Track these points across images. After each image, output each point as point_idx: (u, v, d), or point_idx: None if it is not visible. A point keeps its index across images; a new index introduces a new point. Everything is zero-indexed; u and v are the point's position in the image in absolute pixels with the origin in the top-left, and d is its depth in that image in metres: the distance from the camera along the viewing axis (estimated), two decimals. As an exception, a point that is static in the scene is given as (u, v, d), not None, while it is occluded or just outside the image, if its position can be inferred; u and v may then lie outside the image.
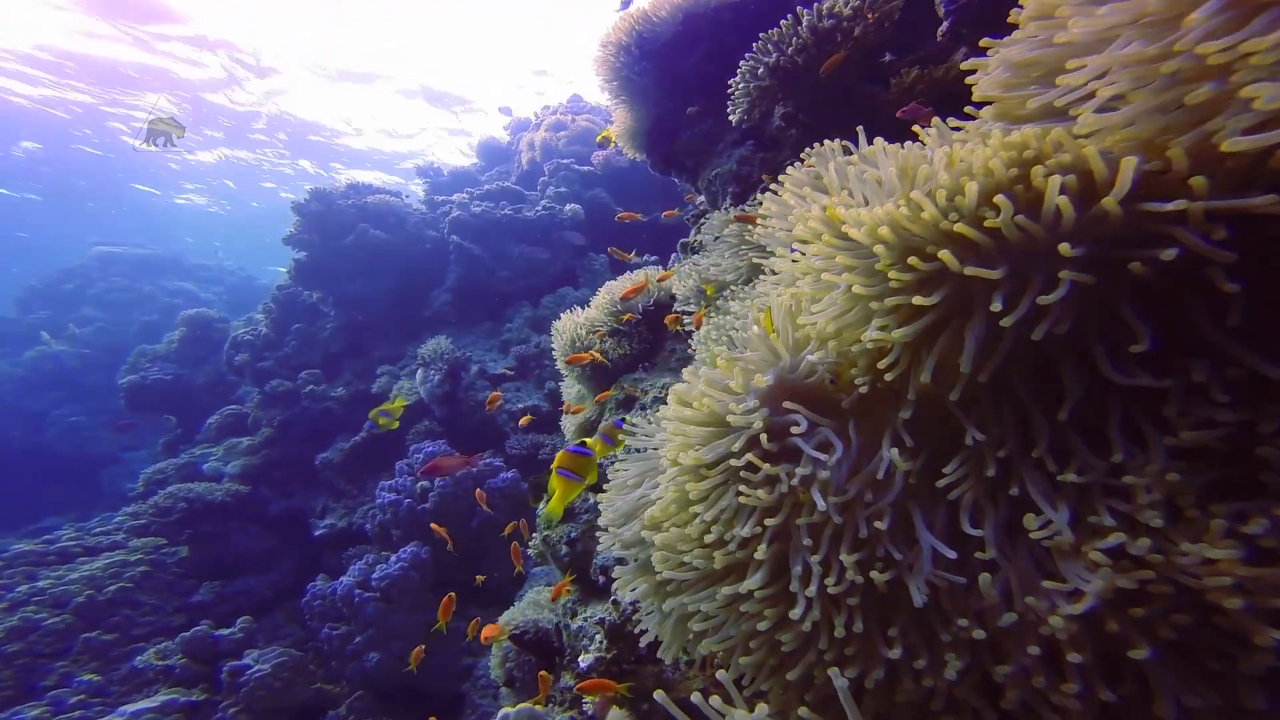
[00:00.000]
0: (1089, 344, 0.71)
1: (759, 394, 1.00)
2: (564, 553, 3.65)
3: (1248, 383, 0.68)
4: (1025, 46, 0.90)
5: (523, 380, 8.99)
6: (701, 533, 0.94)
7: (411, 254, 9.96)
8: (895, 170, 0.85)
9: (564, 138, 11.03)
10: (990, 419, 0.81)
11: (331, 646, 6.83)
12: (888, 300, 0.80)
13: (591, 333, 3.99)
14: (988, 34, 2.24)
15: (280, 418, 9.38)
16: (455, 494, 7.50)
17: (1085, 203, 0.71)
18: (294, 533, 8.79)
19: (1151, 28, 0.66)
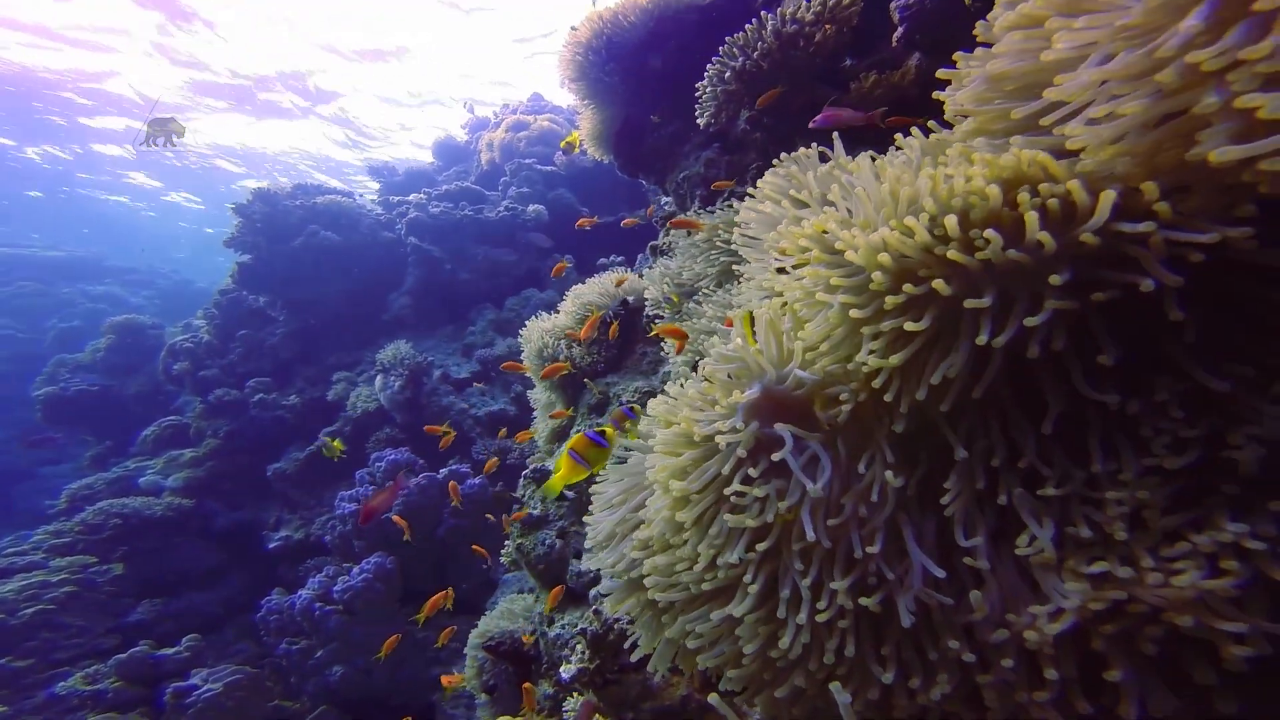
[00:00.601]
0: (1067, 360, 0.74)
1: (746, 409, 0.99)
2: (539, 559, 3.60)
3: (1207, 395, 0.72)
4: (1006, 60, 0.91)
5: (488, 384, 8.80)
6: (693, 557, 0.93)
7: (366, 256, 9.60)
8: (887, 190, 0.86)
9: (525, 138, 10.84)
10: (976, 431, 0.83)
11: (291, 662, 6.55)
12: (884, 324, 0.80)
13: (560, 340, 3.93)
14: (939, 39, 2.32)
15: (227, 428, 8.89)
16: (421, 503, 7.31)
17: (1065, 228, 0.73)
18: (245, 546, 8.37)
19: (1134, 41, 0.68)
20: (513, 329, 9.08)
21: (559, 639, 3.34)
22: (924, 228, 0.78)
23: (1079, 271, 0.71)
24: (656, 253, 3.84)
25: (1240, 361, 0.68)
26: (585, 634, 2.02)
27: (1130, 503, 0.68)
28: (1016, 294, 0.76)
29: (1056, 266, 0.72)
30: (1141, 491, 0.68)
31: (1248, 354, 0.70)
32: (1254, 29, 0.62)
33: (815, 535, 0.80)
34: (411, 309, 9.51)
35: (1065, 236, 0.72)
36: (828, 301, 0.87)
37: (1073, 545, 0.72)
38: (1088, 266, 0.71)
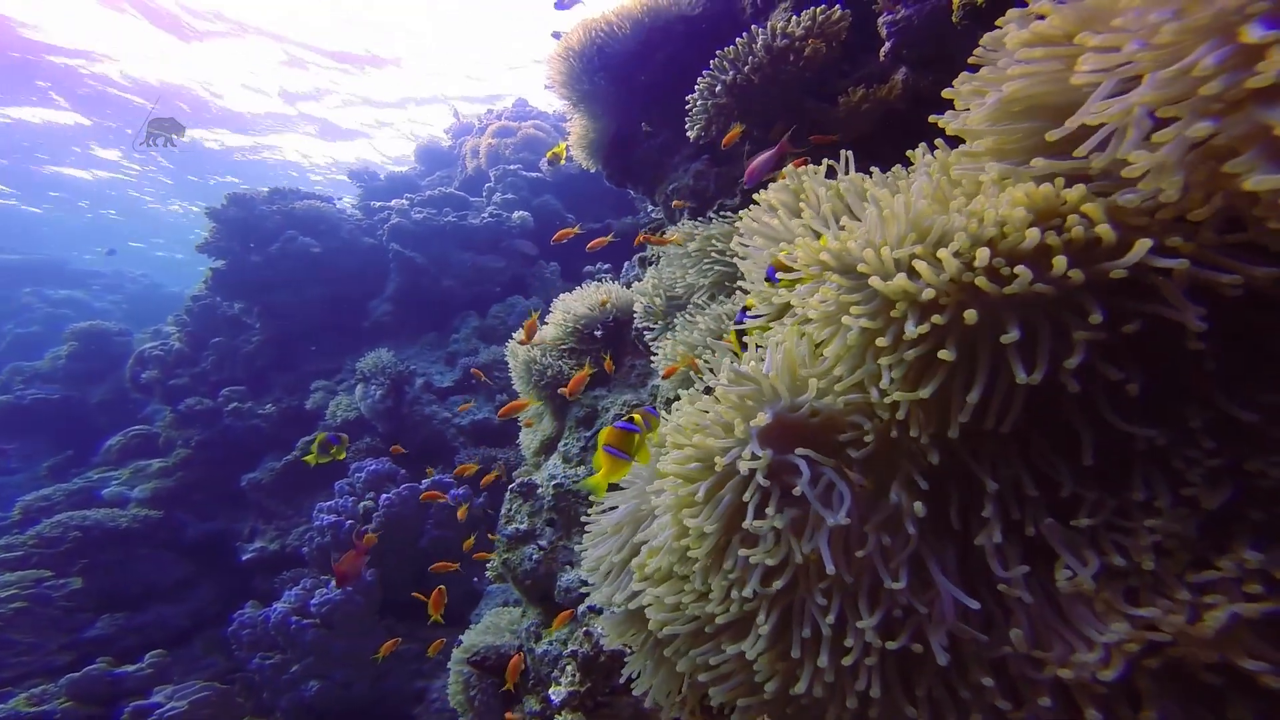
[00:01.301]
0: (1094, 392, 0.72)
1: (760, 435, 0.96)
2: (526, 574, 3.52)
3: (1233, 424, 0.71)
4: (1022, 81, 0.89)
5: (472, 393, 8.67)
6: (704, 589, 0.89)
7: (346, 262, 9.41)
8: (911, 215, 0.84)
9: (511, 144, 10.77)
10: (1000, 462, 0.81)
11: (264, 677, 6.31)
12: (907, 352, 0.78)
13: (547, 353, 3.87)
14: (927, 55, 2.34)
15: (199, 438, 8.61)
16: (403, 514, 7.15)
17: (1091, 261, 0.72)
18: (217, 558, 8.09)
19: (1167, 61, 0.66)
20: (497, 336, 8.96)
21: (546, 655, 3.27)
22: (956, 261, 0.76)
23: (1106, 304, 0.69)
24: (645, 264, 3.81)
25: (1267, 390, 0.68)
26: (576, 656, 1.96)
27: (1164, 532, 0.66)
28: (1038, 325, 0.75)
29: (1085, 300, 0.70)
30: (1175, 524, 0.66)
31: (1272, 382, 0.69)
32: None
33: (835, 568, 0.76)
34: (393, 316, 9.33)
35: (1091, 270, 0.70)
36: (847, 325, 0.85)
37: (1105, 576, 0.70)
38: (1113, 299, 0.70)
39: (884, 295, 0.80)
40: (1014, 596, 0.73)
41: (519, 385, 4.14)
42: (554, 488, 3.50)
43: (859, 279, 0.84)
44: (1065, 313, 0.72)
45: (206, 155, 16.82)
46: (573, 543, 3.41)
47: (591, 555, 1.34)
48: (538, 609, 3.48)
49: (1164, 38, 0.64)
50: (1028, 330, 0.73)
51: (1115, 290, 0.70)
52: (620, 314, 3.87)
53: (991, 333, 0.77)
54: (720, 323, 2.54)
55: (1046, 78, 0.83)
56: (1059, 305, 0.73)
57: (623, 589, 1.22)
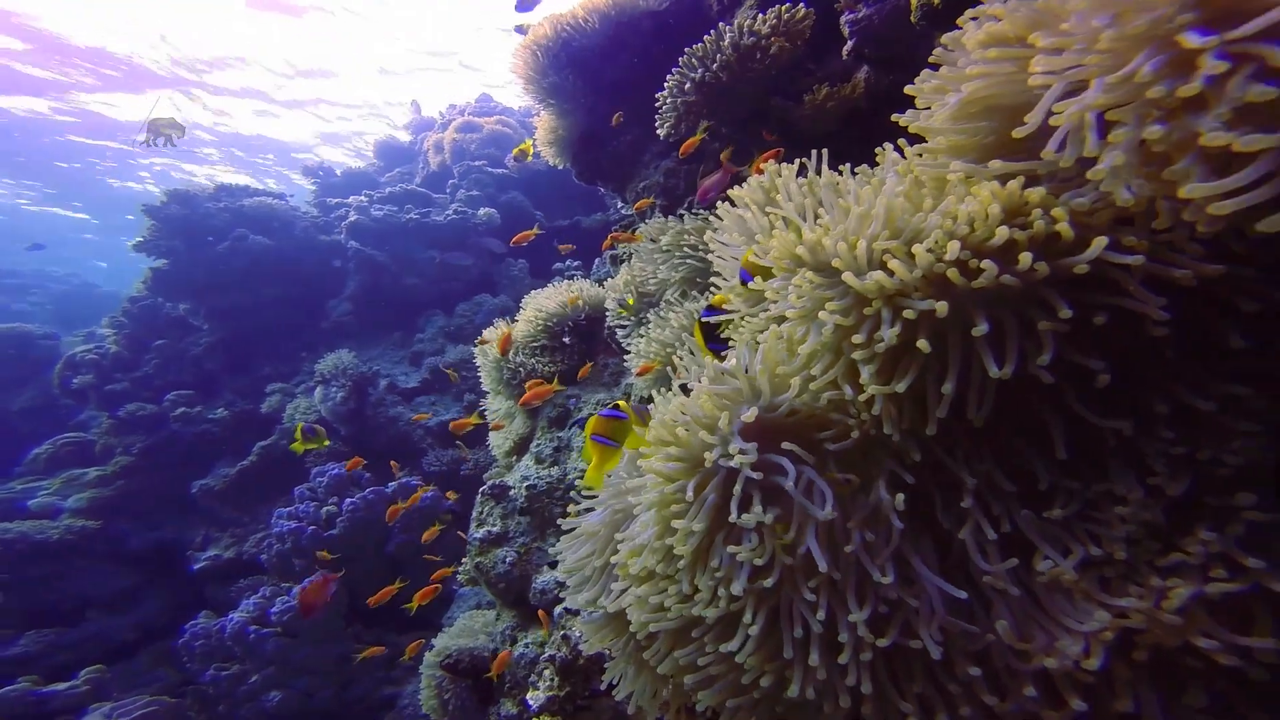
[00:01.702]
0: (1061, 385, 0.75)
1: (742, 432, 0.96)
2: (500, 577, 3.47)
3: (1189, 413, 0.74)
4: (979, 81, 0.91)
5: (439, 394, 8.47)
6: (690, 589, 0.88)
7: (302, 261, 9.05)
8: (884, 210, 0.85)
9: (476, 139, 10.53)
10: (973, 456, 0.83)
11: (219, 689, 6.02)
12: (879, 347, 0.79)
13: (519, 351, 3.81)
14: (886, 54, 2.40)
15: (142, 444, 8.15)
16: (368, 519, 6.94)
17: (1055, 257, 0.74)
18: (165, 568, 7.70)
19: (1109, 65, 0.69)
20: (465, 335, 8.77)
21: (523, 658, 3.23)
22: (929, 255, 0.78)
23: (1071, 299, 0.72)
24: (617, 262, 3.79)
25: (1219, 381, 0.71)
26: (554, 660, 1.94)
27: (1134, 520, 0.70)
28: (1006, 320, 0.77)
29: (1049, 295, 0.72)
30: (1143, 512, 0.69)
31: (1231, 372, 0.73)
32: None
33: (826, 565, 0.77)
34: (354, 316, 9.03)
35: (1054, 264, 0.73)
36: (822, 321, 0.85)
37: (1080, 566, 0.73)
38: (1076, 293, 0.73)
39: (857, 291, 0.81)
40: (1000, 589, 0.75)
41: (488, 384, 4.06)
42: (527, 489, 3.46)
43: (833, 274, 0.85)
44: (1031, 308, 0.75)
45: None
46: (547, 544, 3.37)
47: (570, 558, 1.32)
48: (513, 612, 3.44)
49: (1104, 44, 0.66)
50: (996, 325, 0.75)
51: (1078, 285, 0.73)
52: (592, 311, 3.84)
53: (962, 327, 0.79)
54: (693, 319, 2.55)
55: (1003, 79, 0.86)
56: (1025, 300, 0.76)
57: (602, 592, 1.21)
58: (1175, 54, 0.63)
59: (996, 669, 0.73)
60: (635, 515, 1.12)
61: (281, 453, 8.01)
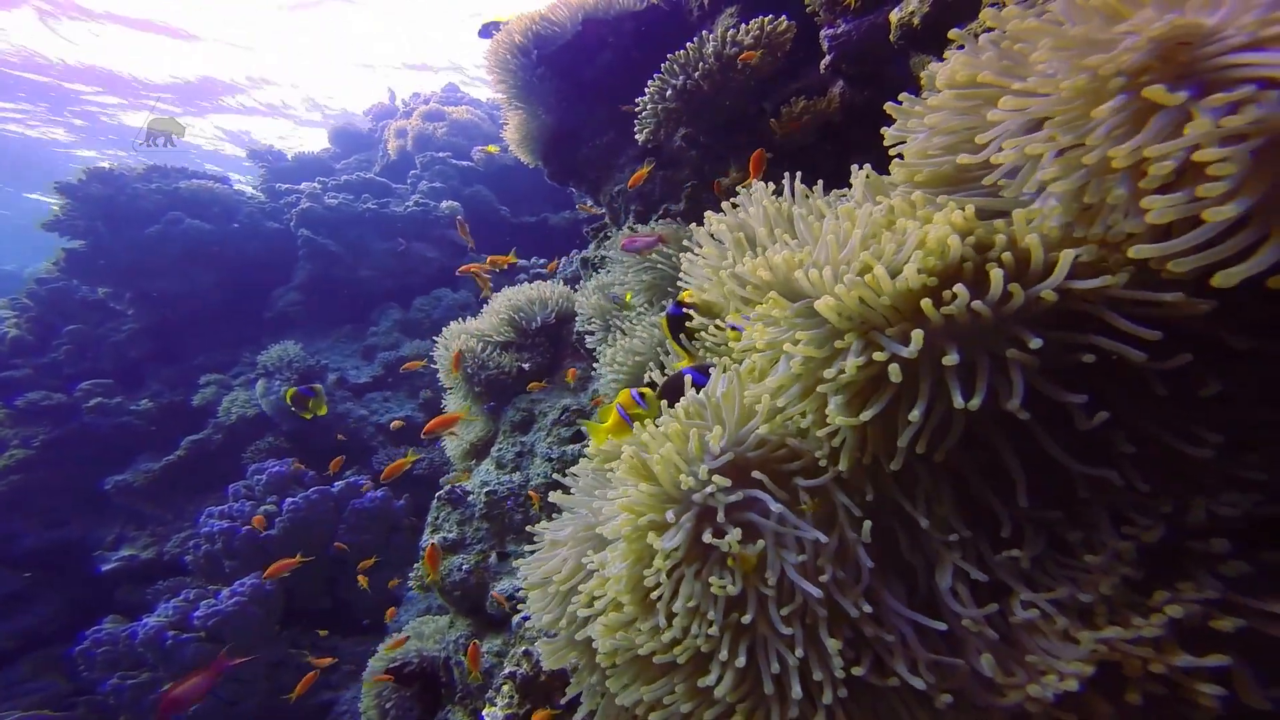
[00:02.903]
0: (1031, 425, 0.77)
1: (712, 462, 0.94)
2: (455, 585, 3.36)
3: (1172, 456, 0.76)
4: (944, 115, 0.93)
5: (393, 390, 8.17)
6: (661, 625, 0.86)
7: (245, 248, 8.58)
8: (858, 238, 0.85)
9: (442, 129, 10.21)
10: (934, 494, 0.84)
11: (121, 699, 5.56)
12: (844, 380, 0.79)
13: (484, 344, 3.70)
14: (863, 71, 2.45)
15: (45, 436, 7.50)
16: (310, 518, 6.60)
17: (1024, 285, 0.75)
18: (64, 569, 7.10)
19: (1068, 113, 0.71)
20: (421, 330, 8.48)
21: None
22: (893, 283, 0.78)
23: (1043, 330, 0.73)
24: (588, 265, 3.74)
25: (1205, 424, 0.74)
26: (514, 677, 1.88)
27: (1106, 567, 0.71)
28: (975, 355, 0.78)
29: (1019, 327, 0.74)
30: (1121, 565, 0.71)
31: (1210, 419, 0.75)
32: (1167, 124, 0.67)
33: (815, 595, 0.76)
34: (302, 306, 8.58)
35: (1027, 292, 0.74)
36: (789, 353, 0.85)
37: (1056, 608, 0.74)
38: (1047, 325, 0.74)
39: (828, 319, 0.81)
40: (981, 631, 0.75)
41: (447, 380, 3.92)
42: (486, 495, 3.36)
43: (801, 299, 0.85)
44: (1002, 341, 0.76)
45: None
46: (507, 551, 3.29)
47: (534, 576, 1.27)
48: (468, 620, 3.33)
49: (1064, 94, 0.68)
50: (966, 357, 0.76)
51: (1049, 321, 0.75)
52: (561, 312, 3.78)
53: (932, 360, 0.79)
54: (659, 331, 2.54)
55: (963, 115, 0.88)
56: (996, 333, 0.77)
57: (565, 613, 1.17)
58: (1119, 115, 0.66)
59: (974, 708, 0.74)
60: (607, 538, 1.09)
61: (215, 448, 7.53)
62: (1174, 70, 0.66)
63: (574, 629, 1.10)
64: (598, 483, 1.33)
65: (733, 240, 1.36)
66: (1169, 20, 0.63)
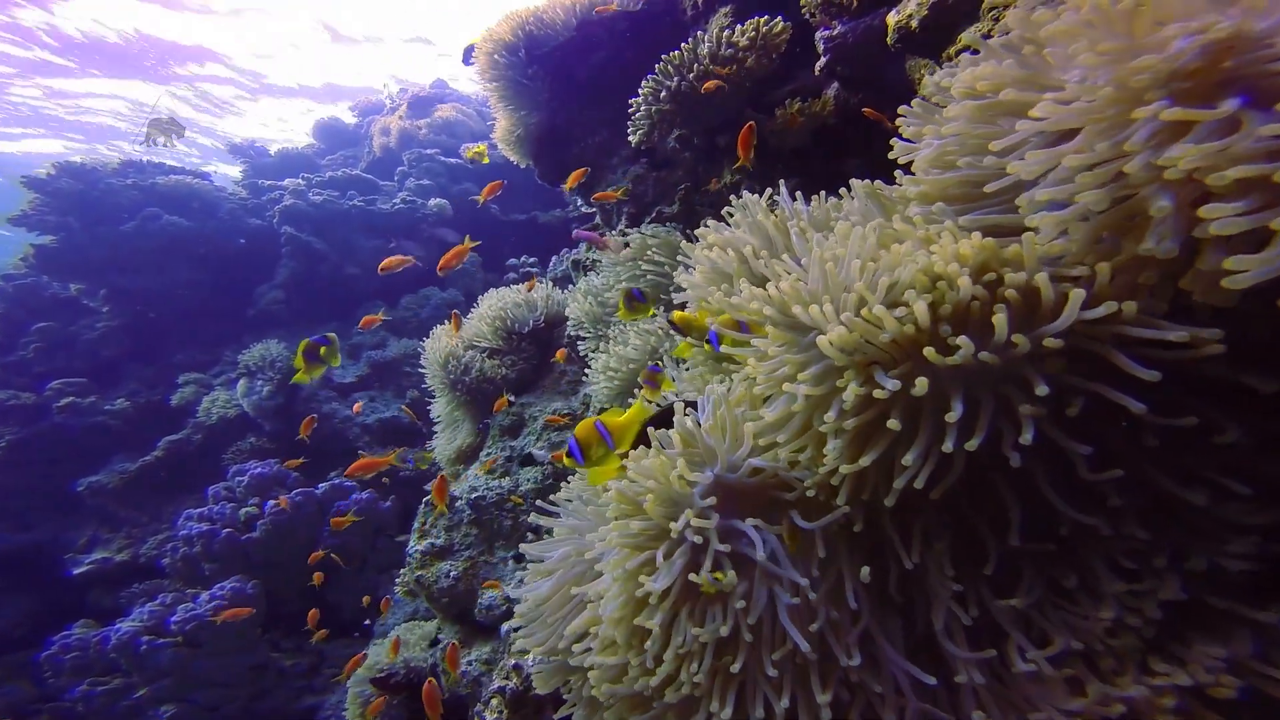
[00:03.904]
0: (1033, 468, 0.74)
1: (703, 496, 0.91)
2: (442, 591, 3.30)
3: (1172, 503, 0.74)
4: (959, 125, 0.89)
5: (379, 389, 8.04)
6: (652, 664, 0.83)
7: (226, 245, 8.39)
8: (857, 267, 0.81)
9: (428, 125, 10.04)
10: (932, 533, 0.82)
11: (90, 706, 5.41)
12: (847, 422, 0.76)
13: (470, 350, 3.63)
14: (858, 74, 2.42)
15: (11, 437, 7.29)
16: (293, 521, 6.48)
17: (1031, 325, 0.73)
18: (32, 573, 6.91)
19: (1105, 120, 0.67)
20: (409, 329, 8.36)
21: (465, 676, 3.09)
22: (898, 322, 0.75)
23: (1049, 376, 0.70)
24: (579, 267, 3.68)
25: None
26: (504, 692, 1.84)
27: (1112, 619, 0.69)
28: (979, 394, 0.75)
29: (1029, 369, 0.71)
30: (1131, 617, 0.69)
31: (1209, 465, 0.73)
32: (1214, 132, 0.63)
33: (805, 647, 0.73)
34: (285, 305, 8.42)
35: (1033, 334, 0.71)
36: (790, 392, 0.82)
37: (1059, 659, 0.72)
38: (1056, 368, 0.72)
39: (830, 355, 0.78)
40: (970, 680, 0.73)
41: (434, 383, 3.86)
42: (475, 500, 3.30)
43: (801, 332, 0.81)
44: (1008, 381, 0.73)
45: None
46: (494, 558, 3.24)
47: (528, 599, 1.23)
48: (455, 627, 3.28)
49: (1104, 99, 0.65)
50: (970, 404, 0.73)
51: (1060, 357, 0.72)
52: (551, 316, 3.72)
53: (933, 403, 0.76)
54: (654, 338, 2.50)
55: (987, 126, 0.84)
56: (1002, 373, 0.74)
57: (558, 638, 1.13)
58: (1159, 125, 0.62)
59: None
60: (599, 569, 1.05)
61: (194, 449, 7.37)
62: (1218, 76, 0.62)
63: (567, 656, 1.07)
64: (589, 500, 1.29)
65: (732, 258, 1.33)
66: (1233, 22, 0.59)
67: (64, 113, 14.22)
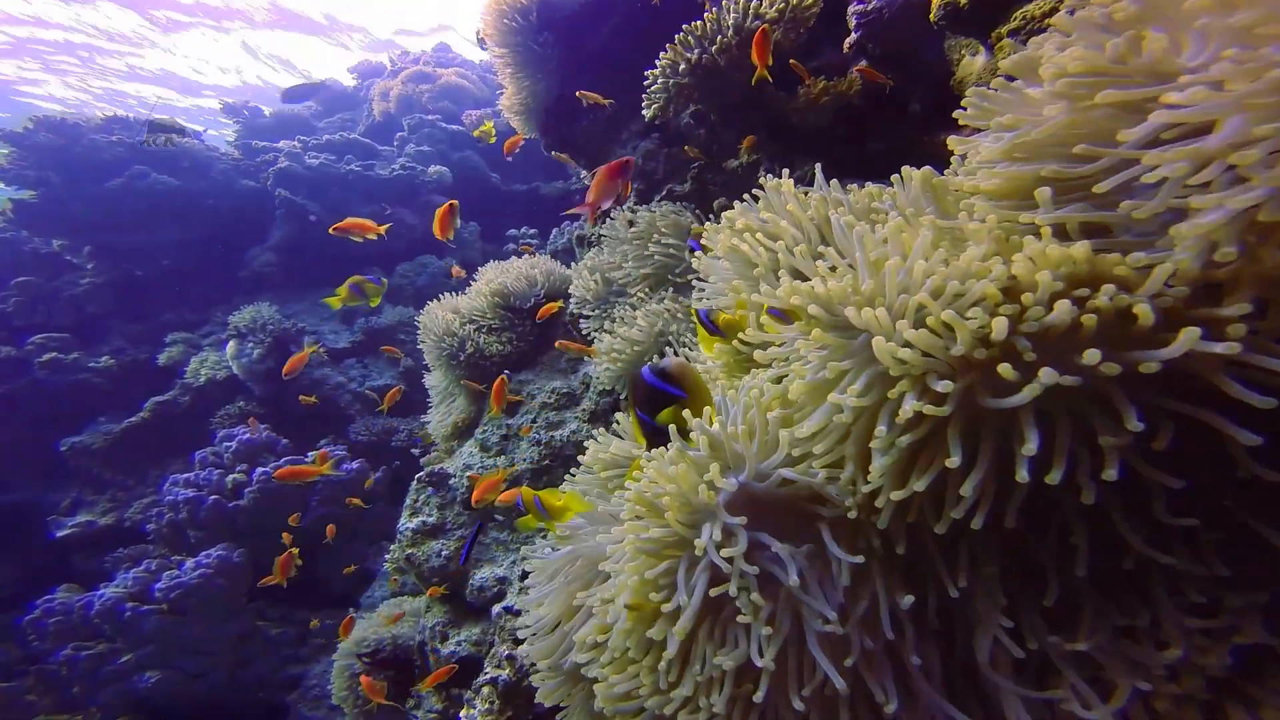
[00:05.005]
0: (1107, 497, 0.68)
1: (728, 507, 0.84)
2: (433, 570, 3.27)
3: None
4: (1058, 115, 0.78)
5: (372, 357, 7.93)
6: (668, 687, 0.77)
7: (218, 205, 8.17)
8: (920, 271, 0.73)
9: (429, 91, 9.70)
10: (979, 559, 0.75)
11: (75, 670, 5.42)
12: (902, 439, 0.68)
13: (468, 324, 3.53)
14: (892, 51, 2.29)
15: None
16: (281, 489, 6.42)
17: (1122, 341, 0.65)
18: (13, 535, 6.82)
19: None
20: (405, 297, 8.22)
21: (454, 657, 3.07)
22: (971, 333, 0.67)
23: (1142, 402, 0.63)
24: (583, 243, 3.56)
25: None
26: (496, 683, 1.80)
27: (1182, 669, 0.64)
28: (1055, 416, 0.68)
29: (1116, 392, 0.64)
30: (1202, 657, 0.63)
31: None
32: None
33: (839, 686, 0.67)
34: (278, 267, 8.24)
35: (1123, 358, 0.64)
36: (836, 405, 0.74)
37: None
38: (1147, 394, 0.64)
39: (885, 362, 0.70)
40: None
41: (430, 358, 3.77)
42: (469, 479, 3.25)
43: (850, 336, 0.74)
44: (1092, 410, 0.66)
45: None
46: (487, 538, 3.20)
47: (534, 610, 1.17)
48: (445, 607, 3.25)
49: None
50: (1045, 430, 0.66)
51: (1148, 384, 0.65)
52: (552, 292, 3.61)
53: (999, 423, 0.69)
54: (661, 320, 2.41)
55: (1082, 112, 0.74)
56: (1084, 395, 0.67)
57: (565, 648, 1.08)
58: None
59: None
60: (598, 560, 0.99)
61: (182, 411, 7.26)
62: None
63: (573, 668, 1.01)
64: (600, 498, 1.22)
65: (762, 247, 1.23)
66: None
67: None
